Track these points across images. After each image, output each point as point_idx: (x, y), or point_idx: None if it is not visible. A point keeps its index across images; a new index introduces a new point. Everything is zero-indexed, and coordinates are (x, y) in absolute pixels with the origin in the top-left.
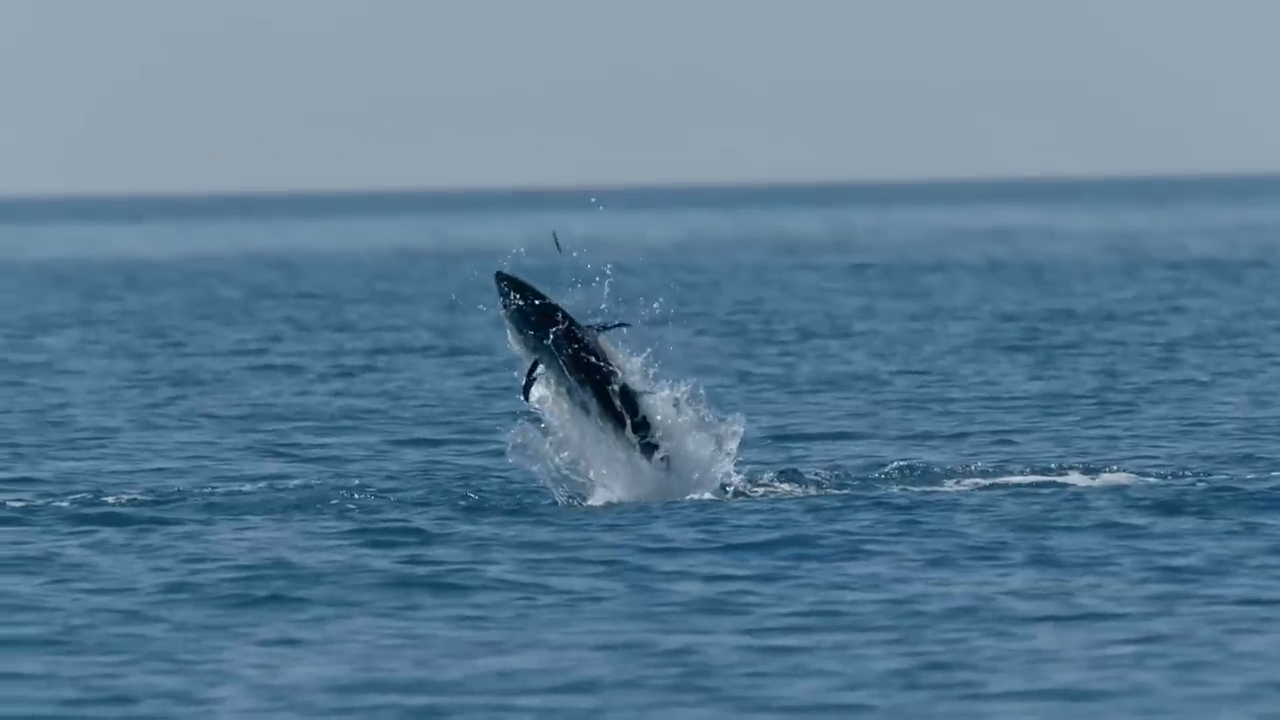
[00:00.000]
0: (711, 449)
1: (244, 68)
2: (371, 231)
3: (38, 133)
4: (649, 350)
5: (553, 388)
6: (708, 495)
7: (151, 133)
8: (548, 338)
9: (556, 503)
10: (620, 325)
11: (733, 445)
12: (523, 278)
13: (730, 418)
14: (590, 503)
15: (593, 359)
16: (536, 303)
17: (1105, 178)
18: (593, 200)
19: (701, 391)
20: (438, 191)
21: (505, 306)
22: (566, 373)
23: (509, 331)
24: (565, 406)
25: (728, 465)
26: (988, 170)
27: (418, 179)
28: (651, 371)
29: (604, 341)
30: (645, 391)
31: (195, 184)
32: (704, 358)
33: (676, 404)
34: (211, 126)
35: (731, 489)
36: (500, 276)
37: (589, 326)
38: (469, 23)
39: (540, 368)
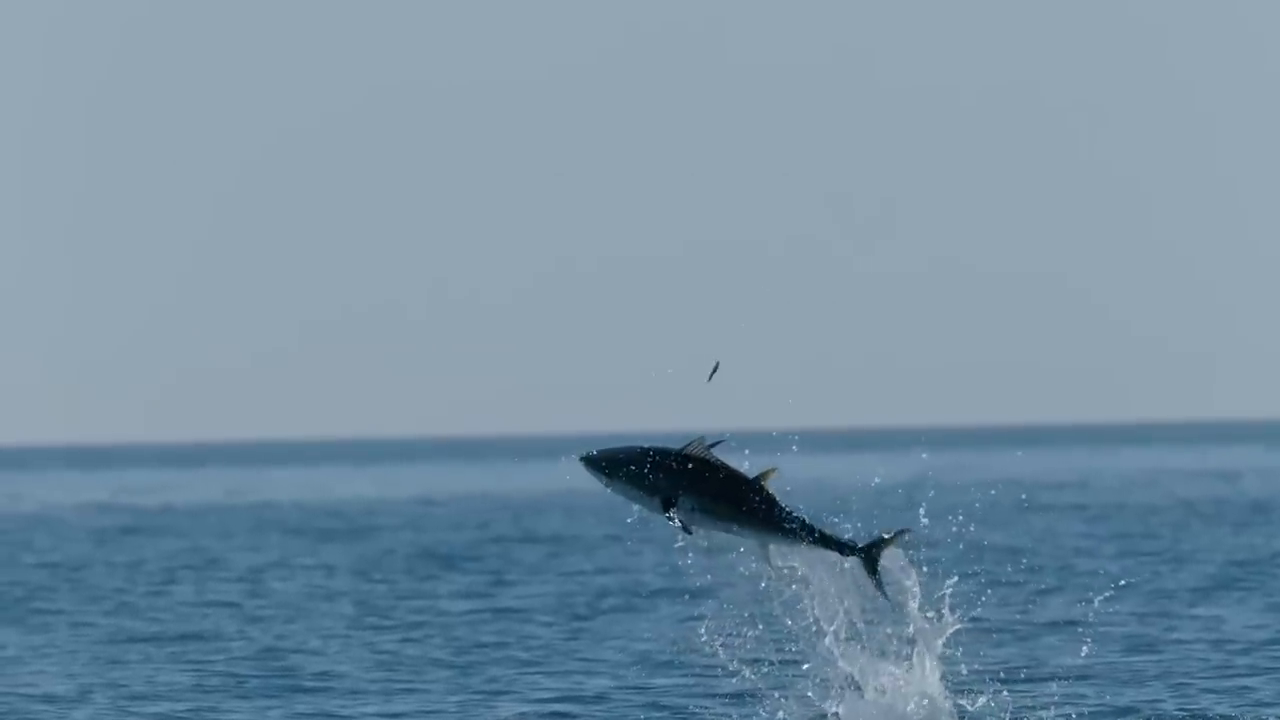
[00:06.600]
0: (942, 687)
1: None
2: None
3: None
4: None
5: (705, 521)
6: None
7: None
8: (669, 480)
9: None
10: (719, 442)
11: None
12: (602, 449)
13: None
14: None
15: (728, 481)
16: (634, 460)
17: None
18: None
19: (937, 645)
20: (651, 434)
21: (611, 481)
22: (711, 500)
23: (630, 500)
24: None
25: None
26: (1208, 412)
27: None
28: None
29: (727, 464)
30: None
31: (415, 427)
32: (933, 601)
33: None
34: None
35: None
36: (585, 461)
37: (689, 444)
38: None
39: (676, 500)
